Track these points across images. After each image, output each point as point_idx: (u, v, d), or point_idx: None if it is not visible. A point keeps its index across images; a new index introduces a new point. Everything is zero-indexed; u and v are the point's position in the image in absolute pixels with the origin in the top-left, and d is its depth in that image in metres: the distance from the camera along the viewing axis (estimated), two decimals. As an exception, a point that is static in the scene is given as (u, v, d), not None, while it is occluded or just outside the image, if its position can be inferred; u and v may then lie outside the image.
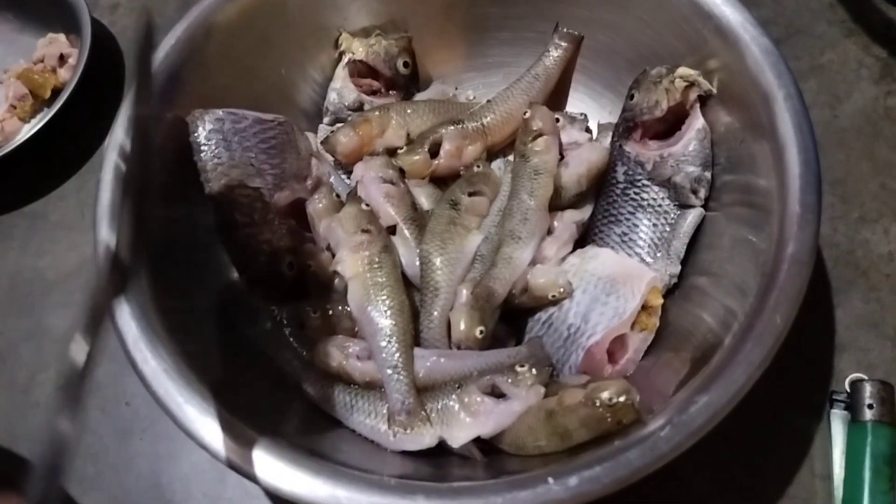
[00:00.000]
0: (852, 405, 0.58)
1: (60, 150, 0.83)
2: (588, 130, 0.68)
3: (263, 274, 0.62)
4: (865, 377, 0.60)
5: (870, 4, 0.78)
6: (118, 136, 0.57)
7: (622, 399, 0.47)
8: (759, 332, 0.46)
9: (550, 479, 0.44)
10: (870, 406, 0.57)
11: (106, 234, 0.53)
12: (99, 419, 0.67)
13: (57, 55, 0.85)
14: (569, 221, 0.62)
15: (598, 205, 0.64)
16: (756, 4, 0.77)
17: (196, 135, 0.61)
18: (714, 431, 0.44)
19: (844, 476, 0.57)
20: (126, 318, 0.50)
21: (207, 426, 0.47)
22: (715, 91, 0.59)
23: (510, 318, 0.60)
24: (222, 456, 0.46)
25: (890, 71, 0.75)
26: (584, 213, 0.64)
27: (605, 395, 0.47)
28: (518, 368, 0.52)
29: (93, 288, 0.41)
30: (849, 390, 0.59)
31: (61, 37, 0.87)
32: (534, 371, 0.52)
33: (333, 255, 0.61)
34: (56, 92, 0.84)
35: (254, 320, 0.61)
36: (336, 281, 0.60)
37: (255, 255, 0.62)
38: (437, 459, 0.53)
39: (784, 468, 0.59)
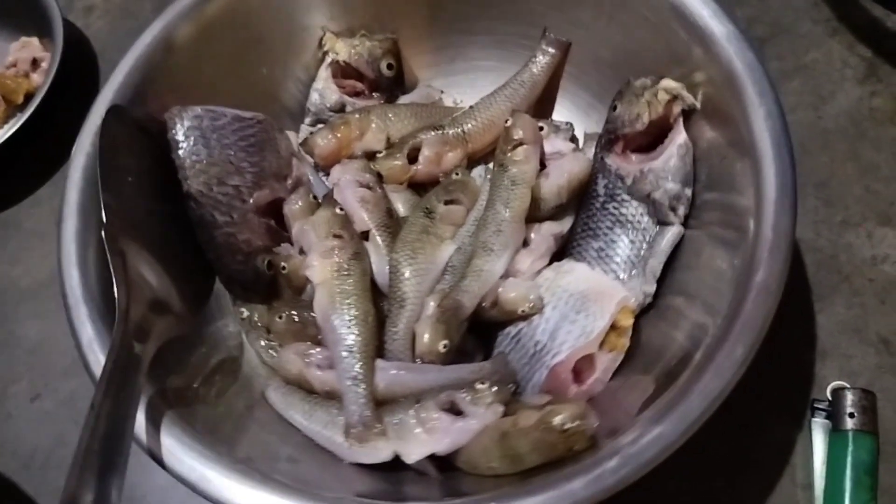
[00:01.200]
0: (834, 414, 0.57)
1: (33, 157, 0.82)
2: (574, 139, 0.66)
3: (240, 273, 0.62)
4: (847, 385, 0.58)
5: (854, 3, 0.76)
6: (85, 140, 0.57)
7: (575, 425, 0.46)
8: (718, 363, 0.45)
9: (493, 506, 0.43)
10: (851, 415, 0.56)
11: (71, 238, 0.53)
12: (73, 431, 0.66)
13: (30, 59, 0.84)
14: (546, 234, 0.61)
15: (578, 218, 0.62)
16: (740, 3, 0.77)
17: (174, 132, 0.60)
18: (692, 440, 0.44)
19: (825, 486, 0.56)
20: (83, 319, 0.50)
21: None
22: (699, 105, 0.57)
23: (480, 330, 0.59)
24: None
25: (875, 71, 0.73)
26: (564, 225, 0.62)
27: (557, 419, 0.46)
28: (478, 386, 0.51)
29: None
30: (830, 399, 0.58)
31: (34, 41, 0.85)
32: (494, 389, 0.51)
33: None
34: (29, 97, 0.83)
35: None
36: (308, 287, 0.60)
37: (233, 254, 0.61)
38: (394, 473, 0.53)
39: (764, 478, 0.58)
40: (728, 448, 0.58)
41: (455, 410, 0.52)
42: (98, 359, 0.49)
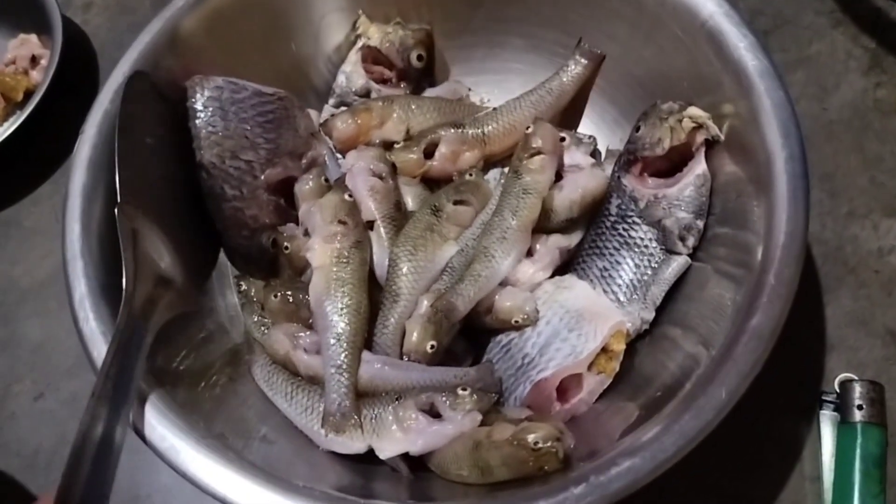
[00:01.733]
0: (842, 406, 0.57)
1: (33, 154, 0.81)
2: (596, 154, 0.65)
3: (244, 248, 0.63)
4: (855, 377, 0.58)
5: None
6: (92, 129, 0.56)
7: (548, 445, 0.45)
8: (701, 404, 0.44)
9: (453, 516, 0.43)
10: (859, 407, 0.56)
11: (76, 238, 0.53)
12: (74, 430, 0.66)
13: (29, 56, 0.83)
14: (552, 246, 0.60)
15: (586, 234, 0.61)
16: None
17: (193, 101, 0.61)
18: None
19: (834, 479, 0.56)
20: (87, 311, 0.50)
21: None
22: (723, 137, 0.56)
23: (473, 334, 0.59)
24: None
25: (878, 62, 0.72)
26: (572, 239, 0.61)
27: (531, 437, 0.46)
28: (460, 391, 0.51)
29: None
30: (838, 391, 0.58)
31: (33, 37, 0.84)
32: (474, 397, 0.51)
33: (309, 241, 0.60)
34: (28, 94, 0.82)
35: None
36: (308, 269, 0.60)
37: (239, 228, 0.62)
38: (367, 466, 0.53)
39: (772, 471, 0.58)
40: (736, 441, 0.57)
41: (434, 413, 0.52)
42: (101, 352, 0.49)
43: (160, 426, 0.46)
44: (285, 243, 0.60)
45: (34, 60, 0.84)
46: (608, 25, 0.63)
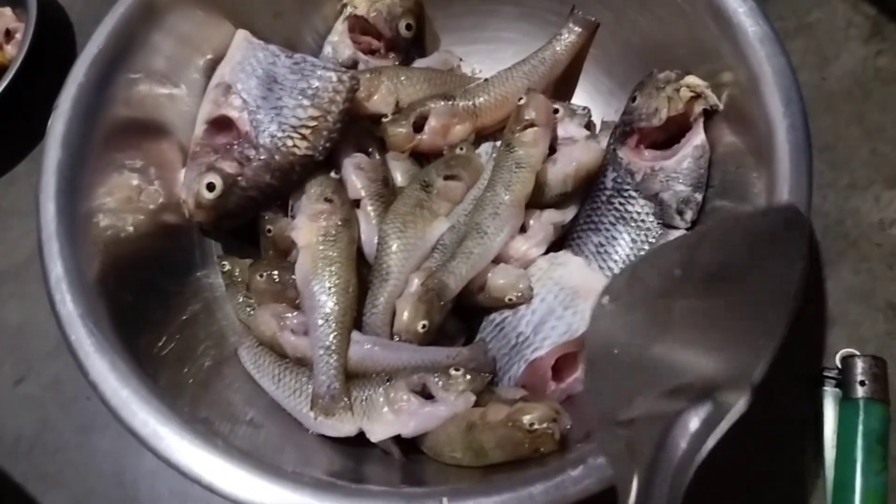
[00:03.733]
0: (844, 382, 0.56)
1: (9, 132, 0.78)
2: (590, 126, 0.63)
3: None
4: (857, 352, 0.57)
5: None
6: (66, 104, 0.54)
7: (543, 426, 0.44)
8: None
9: (445, 500, 0.41)
10: (861, 383, 0.55)
11: (51, 218, 0.50)
12: (58, 415, 0.65)
13: (2, 31, 0.79)
14: (546, 222, 0.58)
15: (581, 209, 0.60)
16: None
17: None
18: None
19: (836, 455, 0.55)
20: (63, 293, 0.48)
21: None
22: (721, 106, 0.54)
23: (466, 313, 0.57)
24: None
25: (880, 29, 0.70)
26: (566, 214, 0.60)
27: (526, 418, 0.45)
28: (452, 372, 0.50)
29: None
30: (840, 367, 0.57)
31: (7, 10, 0.81)
32: (467, 377, 0.50)
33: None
34: (2, 70, 0.78)
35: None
36: (293, 250, 0.58)
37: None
38: (357, 449, 0.52)
39: (774, 448, 0.57)
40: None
41: (426, 394, 0.50)
42: (80, 338, 0.47)
43: (142, 411, 0.45)
44: (268, 226, 0.58)
45: (8, 34, 0.81)
46: (603, -8, 0.61)
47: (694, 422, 0.34)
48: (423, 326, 0.52)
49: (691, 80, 0.54)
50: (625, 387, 0.39)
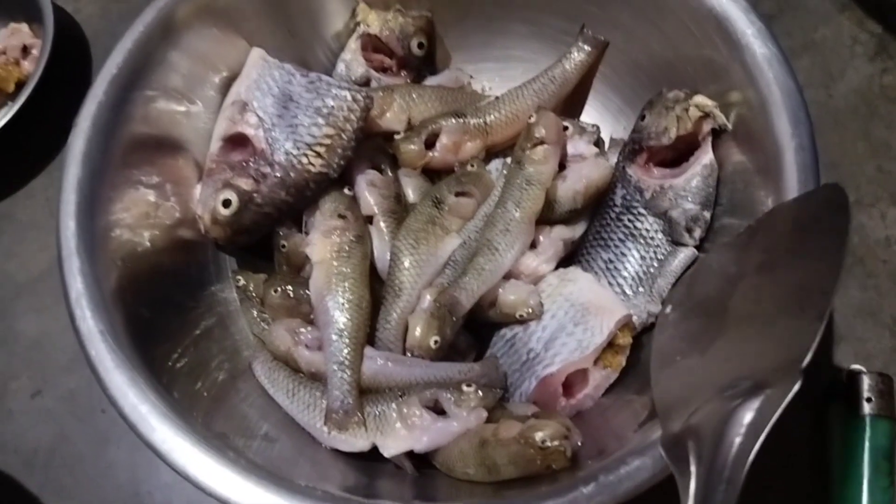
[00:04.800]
0: (850, 398, 0.56)
1: (26, 146, 0.79)
2: (599, 143, 0.64)
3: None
4: (863, 369, 0.57)
5: None
6: (85, 122, 0.55)
7: (555, 444, 0.45)
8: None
9: (458, 516, 0.42)
10: (868, 399, 0.55)
11: (71, 235, 0.51)
12: (74, 427, 0.66)
13: (20, 46, 0.81)
14: (556, 238, 0.59)
15: (591, 225, 0.60)
16: None
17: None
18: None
19: (843, 471, 0.55)
20: (84, 309, 0.49)
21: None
22: (730, 126, 0.55)
23: (476, 328, 0.58)
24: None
25: (885, 47, 0.71)
26: (576, 231, 0.60)
27: (538, 435, 0.45)
28: (464, 388, 0.50)
29: None
30: (846, 383, 0.57)
31: (23, 27, 0.82)
32: (479, 393, 0.50)
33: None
34: (20, 85, 0.80)
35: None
36: (307, 265, 0.59)
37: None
38: (371, 464, 0.52)
39: (780, 464, 0.57)
40: None
41: (438, 409, 0.51)
42: (100, 354, 0.48)
43: (160, 427, 0.45)
44: (282, 242, 0.59)
45: (25, 50, 0.82)
46: (612, 11, 0.61)
47: (748, 415, 0.35)
48: (436, 342, 0.53)
49: (700, 99, 0.55)
50: (686, 392, 0.40)
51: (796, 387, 0.34)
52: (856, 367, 0.58)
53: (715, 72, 0.55)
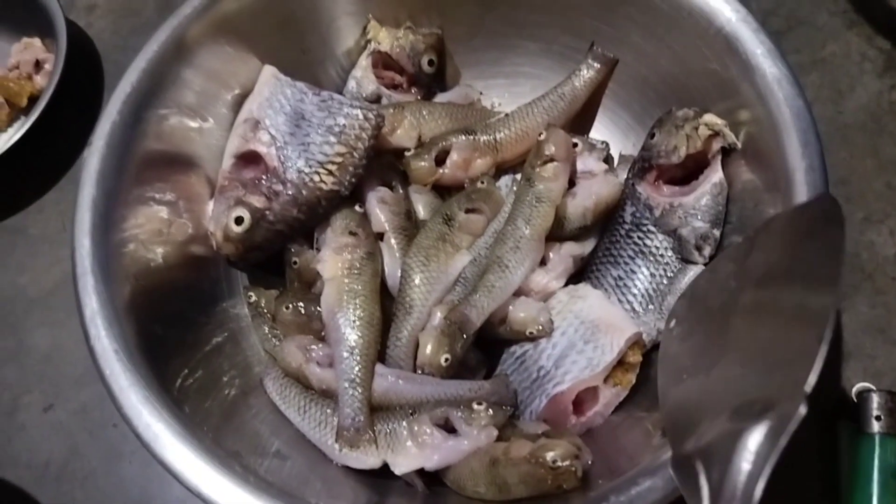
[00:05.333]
0: (859, 417, 0.56)
1: (39, 161, 0.79)
2: (609, 159, 0.64)
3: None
4: (873, 387, 0.57)
5: None
6: (100, 142, 0.55)
7: (566, 463, 0.45)
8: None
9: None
10: (877, 418, 0.55)
11: (86, 253, 0.52)
12: (86, 441, 0.66)
13: (32, 61, 0.81)
14: (566, 255, 0.59)
15: (600, 242, 0.61)
16: None
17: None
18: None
19: (852, 490, 0.55)
20: (98, 328, 0.49)
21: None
22: (740, 145, 0.55)
23: (486, 345, 0.58)
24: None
25: (894, 63, 0.71)
26: (585, 247, 0.61)
27: (550, 455, 0.45)
28: (475, 406, 0.51)
29: None
30: (856, 401, 0.57)
31: (36, 41, 0.83)
32: (490, 412, 0.50)
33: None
34: (33, 100, 0.81)
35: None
36: (318, 282, 0.59)
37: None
38: (382, 481, 0.52)
39: (789, 482, 0.56)
40: None
41: (449, 427, 0.51)
42: (114, 373, 0.48)
43: (173, 445, 0.46)
44: (294, 258, 0.60)
45: (38, 65, 0.82)
46: (621, 30, 0.62)
47: (755, 440, 0.35)
48: (446, 360, 0.53)
49: (709, 118, 0.55)
50: (695, 413, 0.40)
51: (801, 412, 0.33)
52: (865, 384, 0.58)
53: (724, 90, 0.55)
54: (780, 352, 0.38)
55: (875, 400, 0.56)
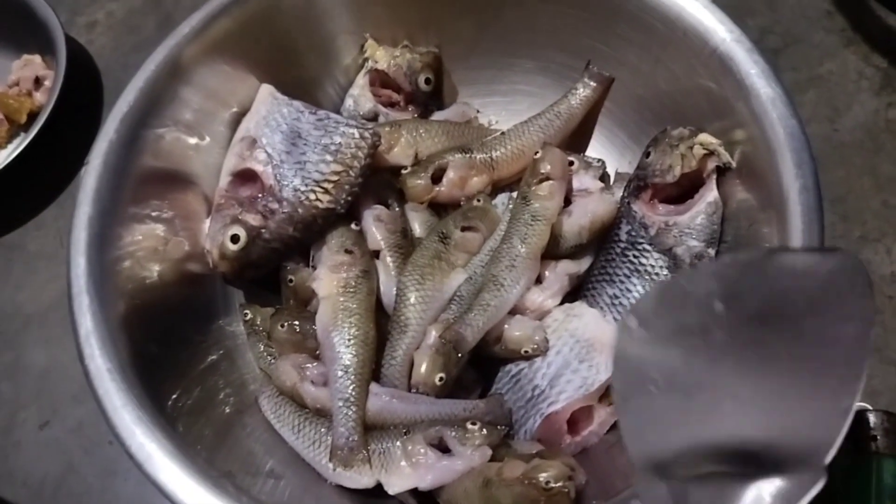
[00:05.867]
0: (856, 437, 0.55)
1: (38, 177, 0.80)
2: (605, 177, 0.65)
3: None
4: (869, 406, 0.56)
5: (869, 11, 0.74)
6: (97, 160, 0.55)
7: (559, 485, 0.45)
8: (715, 442, 0.43)
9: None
10: (874, 438, 0.54)
11: (82, 272, 0.52)
12: (82, 459, 0.66)
13: (32, 78, 0.82)
14: (561, 273, 0.59)
15: (596, 260, 0.61)
16: (752, 13, 0.75)
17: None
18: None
19: None
20: (93, 347, 0.50)
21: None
22: (734, 164, 0.55)
23: (482, 363, 0.58)
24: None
25: (890, 81, 0.71)
26: (581, 265, 0.61)
27: (542, 476, 0.45)
28: (469, 425, 0.51)
29: None
30: (852, 421, 0.56)
31: (36, 58, 0.83)
32: (484, 431, 0.50)
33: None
34: (32, 116, 0.81)
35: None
36: (314, 300, 0.59)
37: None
38: (376, 500, 0.52)
39: None
40: None
41: (443, 447, 0.51)
42: (108, 392, 0.48)
43: (165, 465, 0.46)
44: (289, 276, 0.60)
45: (38, 81, 0.83)
46: (617, 49, 0.62)
47: (763, 498, 0.33)
48: (441, 379, 0.53)
49: (704, 137, 0.56)
50: (667, 432, 0.37)
51: (820, 485, 0.32)
52: (861, 404, 0.58)
53: (719, 110, 0.56)
54: (793, 407, 0.35)
55: (872, 420, 0.55)
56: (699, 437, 0.36)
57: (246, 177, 0.60)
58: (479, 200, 0.62)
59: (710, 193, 0.56)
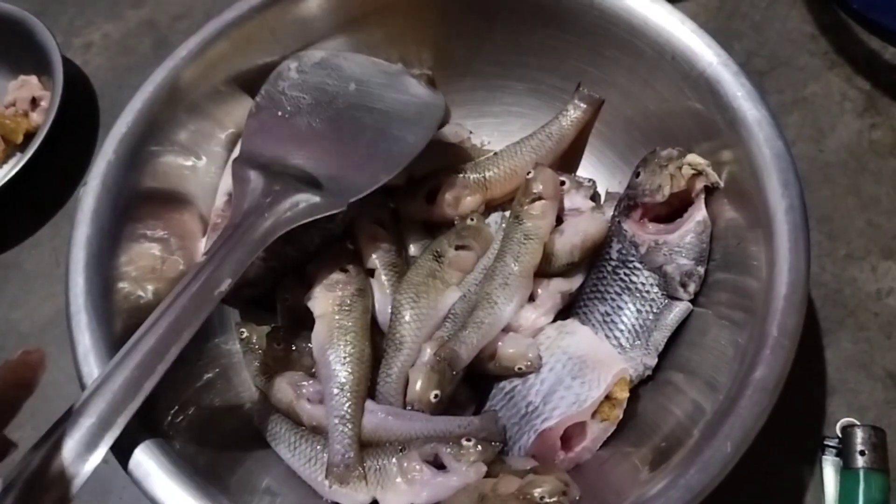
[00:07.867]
0: (844, 452, 0.57)
1: (34, 197, 0.80)
2: (596, 197, 0.66)
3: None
4: (857, 422, 0.58)
5: (852, 35, 0.77)
6: (95, 181, 0.56)
7: (553, 500, 0.46)
8: (706, 457, 0.44)
9: (458, 573, 0.42)
10: (861, 453, 0.56)
11: (80, 291, 0.52)
12: None
13: (29, 98, 0.83)
14: (554, 291, 0.60)
15: (587, 278, 0.62)
16: (738, 36, 0.78)
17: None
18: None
19: None
20: (91, 366, 0.50)
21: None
22: (722, 184, 0.56)
23: (476, 381, 0.59)
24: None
25: (873, 103, 0.73)
26: (573, 283, 0.61)
27: (537, 492, 0.46)
28: (464, 442, 0.51)
29: None
30: (840, 436, 0.58)
31: (33, 79, 0.84)
32: (479, 448, 0.51)
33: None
34: (29, 136, 0.82)
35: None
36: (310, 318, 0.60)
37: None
38: (371, 517, 0.53)
39: None
40: (738, 487, 0.56)
41: (438, 464, 0.51)
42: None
43: (165, 483, 0.46)
44: (285, 295, 0.60)
45: (34, 102, 0.84)
46: (607, 72, 0.64)
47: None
48: (436, 396, 0.54)
49: (693, 158, 0.57)
50: (272, 141, 0.59)
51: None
52: (849, 419, 0.59)
53: (707, 131, 0.57)
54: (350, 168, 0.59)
55: (859, 435, 0.57)
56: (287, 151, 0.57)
57: (242, 196, 0.61)
58: (472, 219, 0.63)
59: (698, 213, 0.57)
